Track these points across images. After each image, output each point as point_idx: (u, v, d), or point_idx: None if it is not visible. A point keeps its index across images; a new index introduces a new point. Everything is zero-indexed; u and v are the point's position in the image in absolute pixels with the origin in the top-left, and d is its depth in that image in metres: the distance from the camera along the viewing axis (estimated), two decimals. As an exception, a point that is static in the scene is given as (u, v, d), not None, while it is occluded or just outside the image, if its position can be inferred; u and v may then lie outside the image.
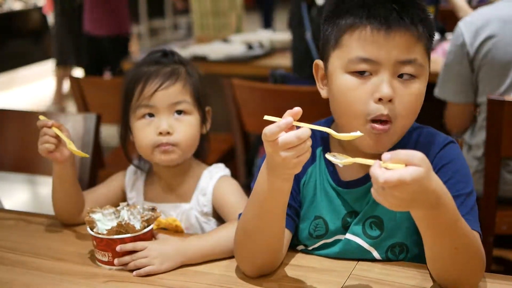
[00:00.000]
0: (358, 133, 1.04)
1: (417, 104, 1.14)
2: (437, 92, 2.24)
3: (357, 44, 1.11)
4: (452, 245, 1.03)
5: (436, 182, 0.94)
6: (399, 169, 0.89)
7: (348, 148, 1.23)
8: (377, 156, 0.95)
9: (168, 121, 1.38)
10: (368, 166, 1.21)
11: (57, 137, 1.35)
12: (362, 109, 1.11)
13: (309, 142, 1.01)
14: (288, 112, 1.01)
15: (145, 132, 1.40)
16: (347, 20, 1.13)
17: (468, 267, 1.07)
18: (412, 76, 1.12)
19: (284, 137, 0.99)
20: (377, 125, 1.12)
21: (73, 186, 1.41)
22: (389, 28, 1.09)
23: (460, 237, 1.03)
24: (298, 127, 1.00)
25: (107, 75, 5.08)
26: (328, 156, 1.04)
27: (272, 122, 1.00)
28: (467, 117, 2.26)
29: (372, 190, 0.94)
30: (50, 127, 1.35)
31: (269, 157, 1.04)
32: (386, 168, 0.90)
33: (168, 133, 1.38)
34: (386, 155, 0.91)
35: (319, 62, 1.23)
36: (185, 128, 1.39)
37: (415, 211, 0.98)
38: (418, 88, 1.13)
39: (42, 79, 7.11)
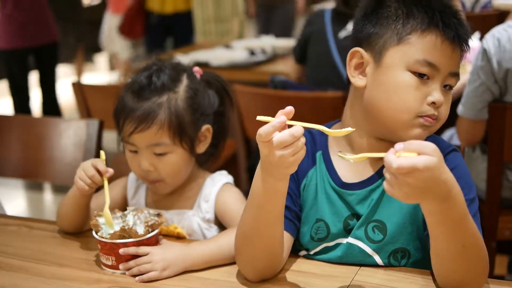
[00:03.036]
0: (349, 129, 1.08)
1: (449, 111, 1.20)
2: None
3: (427, 47, 1.15)
4: (460, 242, 1.04)
5: (448, 174, 0.97)
6: (412, 157, 0.92)
7: (350, 148, 1.25)
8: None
9: (148, 160, 1.37)
10: (370, 169, 1.23)
11: (98, 181, 1.33)
12: (415, 107, 1.16)
13: (303, 140, 1.02)
14: (281, 111, 1.02)
15: (132, 164, 1.41)
16: (421, 23, 1.16)
17: (473, 268, 1.08)
18: (451, 88, 1.19)
19: (278, 136, 1.00)
20: (429, 118, 1.16)
21: (86, 209, 1.41)
22: (455, 42, 1.16)
23: (468, 235, 1.04)
24: (290, 127, 1.02)
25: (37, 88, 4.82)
26: (339, 154, 1.08)
27: (266, 123, 1.02)
28: None
29: (384, 183, 0.97)
30: (102, 175, 1.32)
31: (264, 158, 1.05)
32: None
33: (150, 170, 1.38)
34: (399, 145, 0.94)
35: (360, 50, 1.20)
36: (165, 166, 1.38)
37: (426, 203, 0.99)
38: (451, 97, 1.20)
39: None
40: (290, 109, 1.02)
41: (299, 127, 1.01)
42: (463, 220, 1.02)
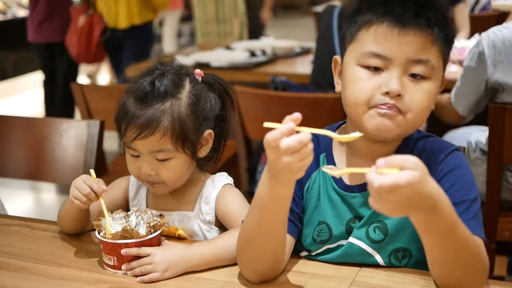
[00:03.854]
0: (357, 134, 1.06)
1: (428, 103, 1.16)
2: None
3: (371, 39, 1.15)
4: (452, 249, 1.04)
5: (433, 186, 0.96)
6: (393, 174, 0.91)
7: (350, 152, 1.25)
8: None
9: (150, 165, 1.36)
10: None
11: (94, 199, 1.32)
12: (366, 99, 1.15)
13: (311, 146, 1.01)
14: (288, 117, 1.01)
15: (132, 167, 1.40)
16: (365, 16, 1.16)
17: (469, 271, 1.08)
18: (424, 77, 1.15)
19: (286, 142, 0.99)
20: (382, 106, 1.14)
21: (85, 216, 1.41)
22: (404, 26, 1.12)
23: (460, 241, 1.04)
24: (297, 132, 1.01)
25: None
26: (324, 169, 1.05)
27: (272, 129, 1.01)
28: None
29: (370, 198, 0.95)
30: (98, 195, 1.31)
31: (271, 164, 1.04)
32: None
33: (152, 175, 1.37)
34: (380, 161, 0.93)
35: (337, 58, 1.27)
36: (167, 171, 1.37)
37: (413, 216, 0.99)
38: (429, 87, 1.15)
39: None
40: (297, 115, 1.01)
41: (307, 133, 1.00)
42: (452, 228, 1.02)
